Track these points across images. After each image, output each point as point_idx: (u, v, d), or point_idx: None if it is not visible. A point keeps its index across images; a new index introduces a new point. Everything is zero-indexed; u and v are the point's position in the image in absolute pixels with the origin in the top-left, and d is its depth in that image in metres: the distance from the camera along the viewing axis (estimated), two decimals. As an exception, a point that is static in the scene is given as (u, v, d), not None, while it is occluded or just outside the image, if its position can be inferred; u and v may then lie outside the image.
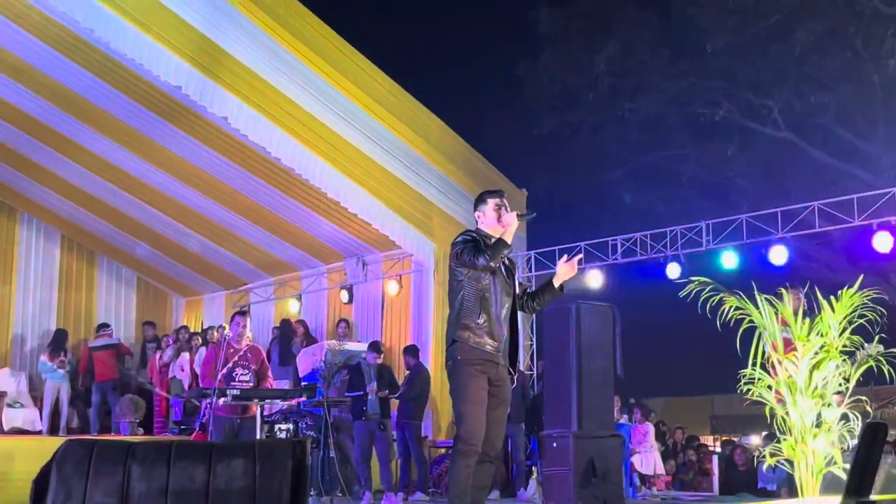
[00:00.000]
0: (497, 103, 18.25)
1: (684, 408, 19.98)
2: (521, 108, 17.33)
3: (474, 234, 4.53)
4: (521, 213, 4.62)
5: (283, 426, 8.03)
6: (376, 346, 8.95)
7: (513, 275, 4.64)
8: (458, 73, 19.99)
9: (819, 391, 4.97)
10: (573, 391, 7.80)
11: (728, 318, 5.10)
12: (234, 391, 6.46)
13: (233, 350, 6.91)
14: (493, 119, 17.68)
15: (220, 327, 8.48)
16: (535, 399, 9.67)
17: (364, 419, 8.43)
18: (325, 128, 9.26)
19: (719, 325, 5.07)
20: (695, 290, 5.13)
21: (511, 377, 4.56)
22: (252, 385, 6.88)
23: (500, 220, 4.54)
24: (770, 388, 5.10)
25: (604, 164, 17.07)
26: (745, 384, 5.14)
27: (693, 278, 5.23)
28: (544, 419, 8.30)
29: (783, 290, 5.32)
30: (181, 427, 10.65)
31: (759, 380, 5.08)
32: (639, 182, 16.98)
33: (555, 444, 7.74)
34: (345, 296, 11.58)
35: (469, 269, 4.42)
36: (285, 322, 11.69)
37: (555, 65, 16.42)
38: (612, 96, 16.27)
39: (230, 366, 6.80)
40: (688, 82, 15.69)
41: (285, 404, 7.93)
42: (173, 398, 11.26)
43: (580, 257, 4.92)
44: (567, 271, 4.66)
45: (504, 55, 18.84)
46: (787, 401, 5.01)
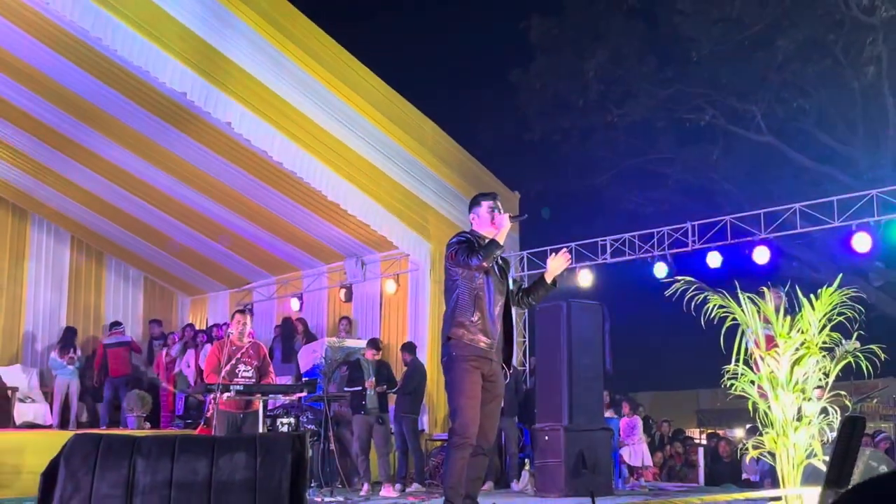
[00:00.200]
0: (491, 109, 18.19)
1: (671, 402, 19.99)
2: (513, 114, 17.39)
3: (468, 236, 4.63)
4: (513, 215, 4.72)
5: (285, 420, 8.06)
6: (375, 343, 9.04)
7: (506, 274, 4.71)
8: (453, 80, 20.04)
9: (800, 386, 5.07)
10: (564, 386, 7.97)
11: (712, 315, 5.16)
12: (238, 387, 6.51)
13: (235, 347, 6.93)
14: (487, 124, 17.61)
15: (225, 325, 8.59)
16: (528, 393, 9.75)
17: (363, 413, 8.48)
18: (325, 133, 9.27)
19: (703, 323, 5.14)
20: (681, 289, 5.21)
21: (505, 373, 4.64)
22: (254, 380, 6.87)
23: (493, 222, 4.62)
24: (753, 382, 5.19)
25: (593, 167, 17.12)
26: (729, 379, 5.22)
27: (679, 277, 5.31)
28: (536, 413, 8.39)
29: (765, 289, 5.38)
30: (186, 421, 10.72)
31: (743, 375, 5.16)
32: (627, 185, 17.02)
33: (546, 437, 7.90)
34: (343, 294, 11.61)
35: (463, 268, 4.50)
36: (287, 320, 11.71)
37: (546, 72, 16.48)
38: (602, 102, 16.33)
39: (233, 362, 6.80)
40: (674, 89, 15.78)
41: (287, 399, 8.01)
42: (179, 393, 11.35)
43: (566, 251, 5.01)
44: (558, 266, 4.74)
45: (497, 63, 18.75)
46: (770, 395, 5.11)
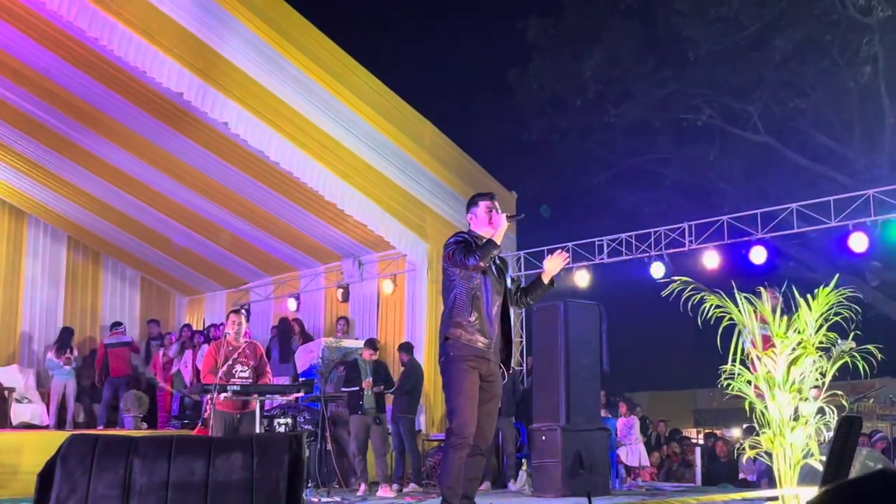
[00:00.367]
0: (488, 109, 18.23)
1: (668, 402, 20.03)
2: (510, 114, 17.40)
3: (466, 236, 4.62)
4: (510, 215, 4.73)
5: (282, 420, 8.06)
6: (372, 343, 9.02)
7: (504, 274, 4.71)
8: (450, 80, 20.03)
9: (796, 386, 5.07)
10: (561, 386, 7.99)
11: (709, 315, 5.17)
12: (234, 387, 6.45)
13: (232, 347, 6.87)
14: (484, 124, 17.65)
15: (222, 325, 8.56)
16: (525, 393, 9.76)
17: (360, 413, 8.48)
18: (322, 133, 9.29)
19: (700, 323, 5.16)
20: (677, 289, 5.20)
21: (503, 374, 4.63)
22: (251, 381, 6.82)
23: (491, 222, 4.62)
24: (749, 382, 5.19)
25: (591, 167, 17.17)
26: (726, 379, 5.21)
27: (676, 277, 5.31)
28: (533, 413, 8.41)
29: (762, 289, 5.38)
30: (183, 422, 10.71)
31: (739, 375, 5.16)
32: (624, 185, 17.06)
33: (544, 437, 7.92)
34: (340, 294, 11.61)
35: (461, 268, 4.49)
36: (284, 320, 11.69)
37: (543, 72, 16.52)
38: (599, 102, 16.36)
39: (230, 362, 6.74)
40: (671, 89, 15.82)
41: (284, 399, 8.00)
42: (176, 393, 11.34)
43: (564, 251, 4.98)
44: (555, 265, 4.74)
45: (495, 63, 18.83)
46: (766, 395, 5.11)
